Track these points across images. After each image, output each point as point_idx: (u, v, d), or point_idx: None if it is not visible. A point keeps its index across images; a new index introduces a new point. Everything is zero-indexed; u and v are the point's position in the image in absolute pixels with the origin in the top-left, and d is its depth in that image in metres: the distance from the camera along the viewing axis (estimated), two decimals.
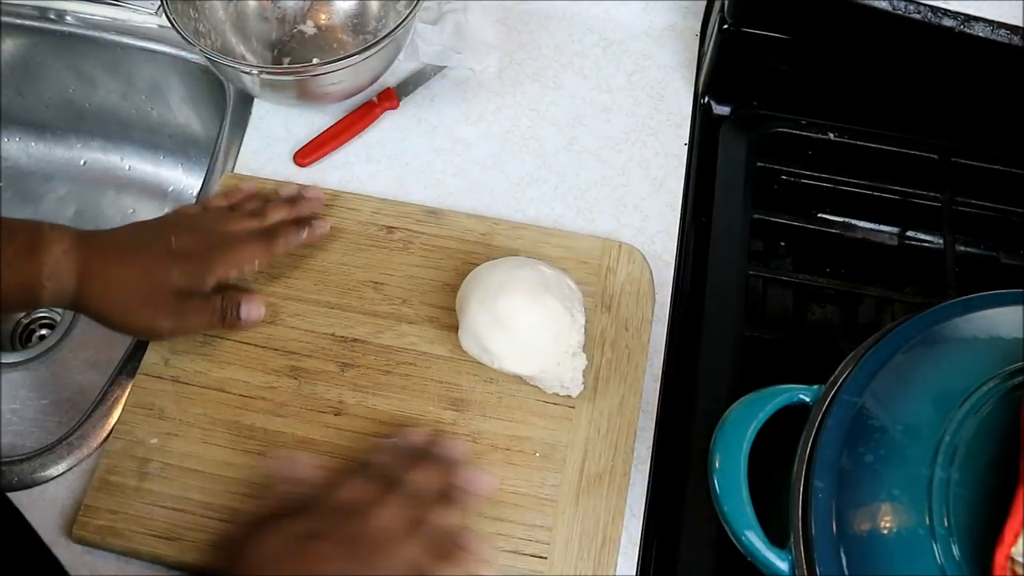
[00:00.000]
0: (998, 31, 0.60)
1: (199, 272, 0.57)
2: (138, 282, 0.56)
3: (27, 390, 0.75)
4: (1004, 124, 0.68)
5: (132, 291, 0.56)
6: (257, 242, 0.60)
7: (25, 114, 0.86)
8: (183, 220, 0.61)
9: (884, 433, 0.44)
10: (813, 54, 0.69)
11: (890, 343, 0.48)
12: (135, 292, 0.56)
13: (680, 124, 0.73)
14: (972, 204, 0.68)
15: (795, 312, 0.69)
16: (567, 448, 0.57)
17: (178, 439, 0.58)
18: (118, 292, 0.55)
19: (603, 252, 0.64)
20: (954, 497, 0.41)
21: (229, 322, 0.60)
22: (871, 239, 0.71)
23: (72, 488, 0.58)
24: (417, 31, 0.73)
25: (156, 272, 0.56)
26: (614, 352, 0.61)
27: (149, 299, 0.56)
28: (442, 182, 0.70)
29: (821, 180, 0.70)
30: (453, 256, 0.65)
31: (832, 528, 0.43)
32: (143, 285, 0.56)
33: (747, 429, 0.46)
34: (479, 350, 0.57)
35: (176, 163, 0.87)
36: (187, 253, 0.57)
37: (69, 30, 0.78)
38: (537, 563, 0.54)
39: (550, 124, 0.73)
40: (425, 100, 0.74)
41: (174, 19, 0.66)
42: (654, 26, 0.78)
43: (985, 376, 0.45)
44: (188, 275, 0.57)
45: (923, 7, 0.60)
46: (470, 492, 0.52)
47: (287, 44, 0.76)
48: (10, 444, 0.72)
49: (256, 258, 0.60)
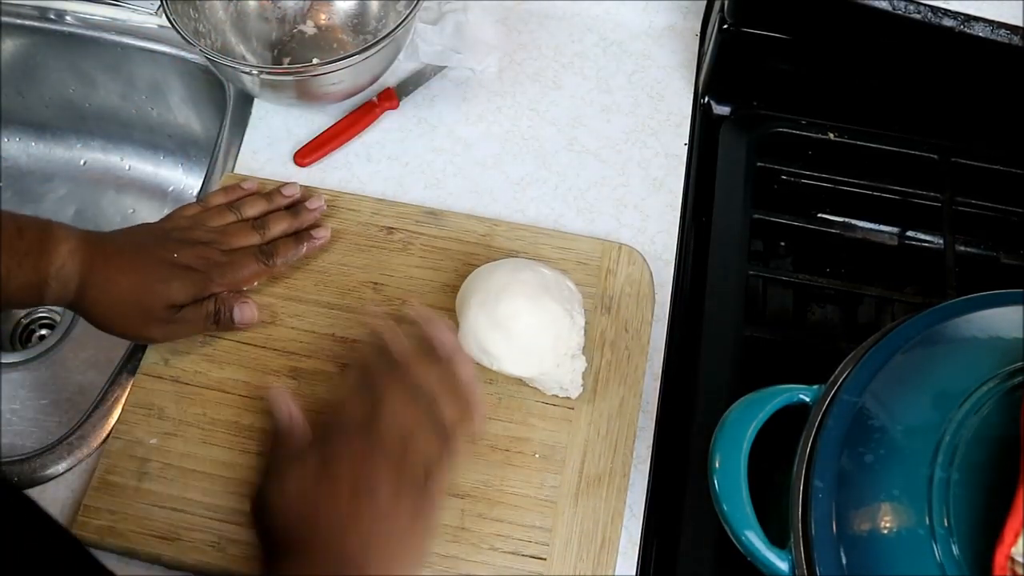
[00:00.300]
0: (998, 31, 0.60)
1: (197, 290, 0.58)
2: (136, 293, 0.56)
3: (27, 390, 0.75)
4: (1004, 124, 0.68)
5: (128, 300, 0.56)
6: (256, 262, 0.61)
7: (25, 114, 0.85)
8: (185, 224, 0.61)
9: (884, 433, 0.44)
10: (813, 54, 0.69)
11: (890, 343, 0.48)
12: (131, 302, 0.56)
13: (680, 124, 0.73)
14: (972, 204, 0.68)
15: (795, 312, 0.69)
16: (566, 449, 0.57)
17: (178, 439, 0.58)
18: (115, 300, 0.55)
19: (603, 253, 0.64)
20: (954, 497, 0.41)
21: (223, 325, 0.60)
22: (871, 239, 0.71)
23: (72, 488, 0.58)
24: (417, 31, 0.73)
25: (155, 286, 0.56)
26: (614, 353, 0.61)
27: (144, 309, 0.56)
28: (442, 182, 0.70)
29: (821, 180, 0.70)
30: (453, 257, 0.64)
31: (832, 528, 0.43)
32: (140, 296, 0.56)
33: (747, 429, 0.46)
34: (478, 352, 0.57)
35: (176, 163, 0.87)
36: (188, 268, 0.58)
37: (69, 30, 0.78)
38: (536, 564, 0.54)
39: (550, 124, 0.73)
40: (425, 100, 0.74)
41: (174, 19, 0.66)
42: (654, 26, 0.78)
43: (985, 376, 0.44)
44: (186, 291, 0.57)
45: (923, 7, 0.60)
46: (447, 352, 0.51)
47: (287, 44, 0.76)
48: (10, 444, 0.71)
49: (256, 279, 0.62)
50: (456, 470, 0.51)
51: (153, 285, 0.56)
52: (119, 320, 0.57)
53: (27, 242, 0.53)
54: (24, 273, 0.53)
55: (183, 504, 0.56)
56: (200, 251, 0.59)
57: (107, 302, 0.55)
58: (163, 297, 0.56)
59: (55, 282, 0.54)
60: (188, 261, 0.58)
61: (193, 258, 0.58)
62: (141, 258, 0.57)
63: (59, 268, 0.53)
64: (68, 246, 0.54)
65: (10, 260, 0.52)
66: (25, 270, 0.53)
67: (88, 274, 0.54)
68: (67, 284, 0.54)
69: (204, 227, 0.61)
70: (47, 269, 0.53)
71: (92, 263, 0.55)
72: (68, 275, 0.54)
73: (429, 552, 0.48)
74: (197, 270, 0.58)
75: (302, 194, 0.66)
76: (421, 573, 0.53)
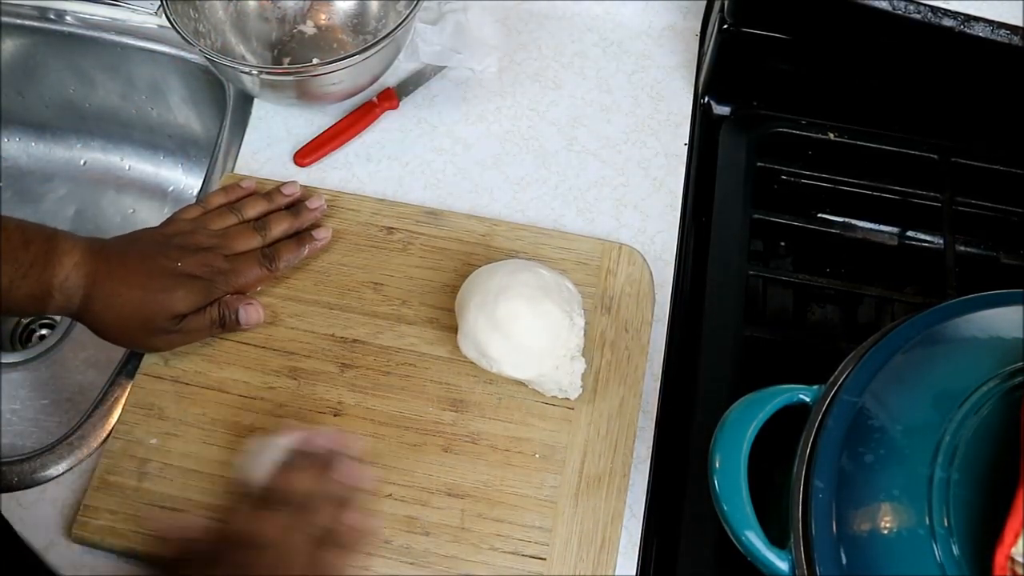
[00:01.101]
0: (998, 31, 0.60)
1: (202, 298, 0.58)
2: (140, 304, 0.56)
3: (27, 390, 0.75)
4: (1004, 124, 0.68)
5: (132, 312, 0.56)
6: (260, 267, 0.61)
7: (25, 114, 0.85)
8: (187, 228, 0.61)
9: (884, 433, 0.44)
10: (813, 54, 0.69)
11: (890, 343, 0.48)
12: (135, 315, 0.56)
13: (680, 124, 0.73)
14: (972, 204, 0.68)
15: (795, 312, 0.69)
16: (566, 449, 0.57)
17: (178, 439, 0.58)
18: (119, 312, 0.55)
19: (603, 254, 0.64)
20: (954, 497, 0.41)
21: (228, 328, 0.60)
22: (871, 239, 0.71)
23: (72, 488, 0.58)
24: (417, 31, 0.73)
25: (159, 296, 0.56)
26: (614, 354, 0.61)
27: (148, 320, 0.56)
28: (442, 182, 0.70)
29: (821, 180, 0.70)
30: (453, 257, 0.64)
31: (832, 528, 0.43)
32: (144, 308, 0.56)
33: (747, 429, 0.46)
34: (478, 354, 0.57)
35: (176, 163, 0.87)
36: (191, 276, 0.58)
37: (69, 30, 0.78)
38: (536, 564, 0.54)
39: (550, 124, 0.73)
40: (425, 100, 0.74)
41: (174, 19, 0.66)
42: (654, 26, 0.78)
43: (985, 376, 0.44)
44: (190, 301, 0.57)
45: (923, 7, 0.60)
46: (354, 488, 0.51)
47: (287, 44, 0.76)
48: (10, 444, 0.72)
49: (259, 284, 0.62)
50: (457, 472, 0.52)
51: (157, 295, 0.56)
52: (123, 331, 0.57)
53: (32, 254, 0.53)
54: (28, 284, 0.53)
55: (183, 504, 0.56)
56: (203, 258, 0.59)
57: (111, 314, 0.55)
58: (167, 308, 0.56)
59: (59, 294, 0.54)
60: (191, 269, 0.58)
61: (196, 266, 0.58)
62: (145, 268, 0.57)
63: (63, 280, 0.53)
64: (73, 259, 0.54)
65: (15, 271, 0.52)
66: (29, 282, 0.52)
67: (92, 286, 0.54)
68: (71, 296, 0.54)
69: (206, 231, 0.61)
70: (51, 281, 0.53)
71: (96, 275, 0.54)
72: (72, 287, 0.54)
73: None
74: (201, 278, 0.58)
75: (302, 193, 0.66)
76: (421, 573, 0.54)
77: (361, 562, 0.53)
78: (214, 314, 0.59)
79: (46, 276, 0.53)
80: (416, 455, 0.57)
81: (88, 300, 0.54)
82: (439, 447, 0.58)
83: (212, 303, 0.59)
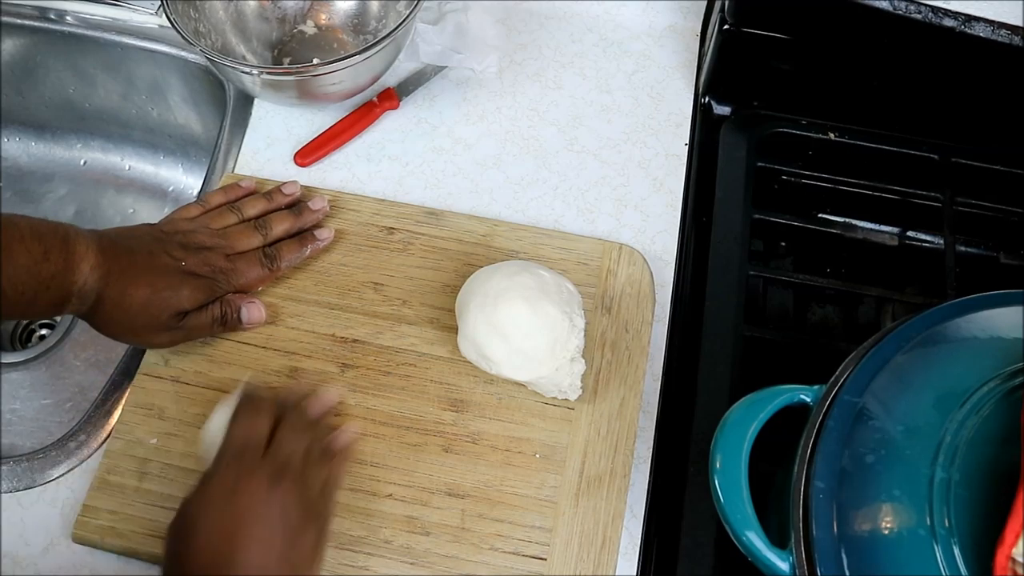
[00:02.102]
0: (998, 31, 0.60)
1: (205, 296, 0.58)
2: (147, 304, 0.56)
3: (27, 390, 0.75)
4: (1004, 124, 0.68)
5: (139, 311, 0.56)
6: (261, 267, 0.61)
7: (25, 114, 0.85)
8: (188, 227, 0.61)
9: (885, 433, 0.44)
10: (813, 54, 0.69)
11: (890, 343, 0.48)
12: (142, 313, 0.56)
13: (680, 124, 0.73)
14: (972, 204, 0.68)
15: (795, 312, 0.69)
16: (567, 449, 0.57)
17: (178, 439, 0.58)
18: (126, 310, 0.55)
19: (603, 254, 0.64)
20: (955, 497, 0.41)
21: (230, 326, 0.60)
22: (871, 239, 0.71)
23: (72, 488, 0.58)
24: (417, 31, 0.73)
25: (165, 293, 0.56)
26: (614, 354, 0.61)
27: (152, 317, 0.56)
28: (442, 182, 0.70)
29: (821, 180, 0.70)
30: (453, 257, 0.65)
31: (833, 528, 0.43)
32: (151, 307, 0.56)
33: (747, 429, 0.46)
34: (477, 356, 0.57)
35: (176, 163, 0.87)
36: (195, 275, 0.58)
37: (69, 30, 0.78)
38: (537, 564, 0.54)
39: (550, 124, 0.73)
40: (425, 100, 0.74)
41: (174, 19, 0.66)
42: (654, 26, 0.78)
43: (985, 376, 0.45)
44: (194, 298, 0.57)
45: (923, 7, 0.60)
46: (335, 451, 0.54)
47: (287, 44, 0.76)
48: (10, 444, 0.72)
49: (261, 283, 0.62)
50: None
51: (163, 293, 0.56)
52: (128, 328, 0.57)
53: (53, 264, 0.52)
54: (50, 295, 0.53)
55: None
56: (205, 257, 0.59)
57: (119, 312, 0.55)
58: (172, 305, 0.56)
59: (76, 299, 0.54)
60: (194, 267, 0.58)
61: (199, 264, 0.58)
62: (153, 266, 0.57)
63: (81, 286, 0.53)
64: (89, 262, 0.54)
65: (38, 285, 0.52)
66: (52, 292, 0.52)
67: (105, 287, 0.54)
68: (86, 299, 0.54)
69: (206, 230, 0.61)
70: (71, 288, 0.53)
71: (109, 276, 0.54)
72: (88, 291, 0.54)
73: (321, 561, 0.50)
74: (204, 276, 0.58)
75: (303, 194, 0.66)
76: (421, 573, 0.54)
77: (361, 562, 0.54)
78: (216, 312, 0.59)
79: (67, 284, 0.53)
80: (416, 455, 0.57)
81: (100, 300, 0.54)
82: (439, 447, 0.58)
83: (214, 301, 0.59)
